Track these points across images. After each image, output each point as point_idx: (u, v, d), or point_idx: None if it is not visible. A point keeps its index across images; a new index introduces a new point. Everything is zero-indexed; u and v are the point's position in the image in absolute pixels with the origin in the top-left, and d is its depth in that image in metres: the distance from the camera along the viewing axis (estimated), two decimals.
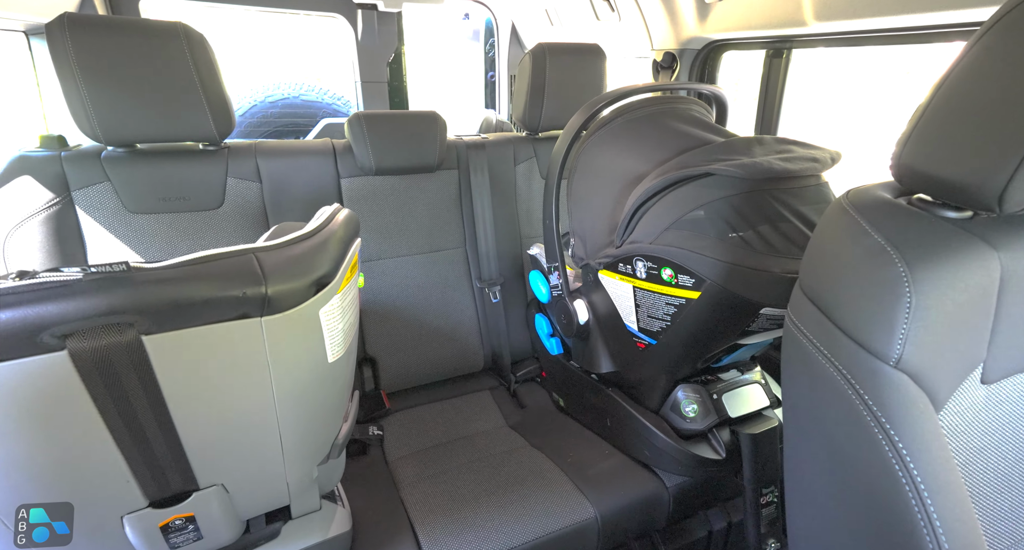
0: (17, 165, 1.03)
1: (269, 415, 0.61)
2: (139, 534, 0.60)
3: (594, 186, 1.09)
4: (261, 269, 0.51)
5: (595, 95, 1.53)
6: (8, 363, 0.42)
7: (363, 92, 2.41)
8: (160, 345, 0.48)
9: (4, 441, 0.45)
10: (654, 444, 1.01)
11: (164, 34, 1.02)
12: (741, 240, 0.78)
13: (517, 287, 1.53)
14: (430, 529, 0.91)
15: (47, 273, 0.43)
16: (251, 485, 0.67)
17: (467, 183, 1.46)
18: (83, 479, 0.52)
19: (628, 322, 1.00)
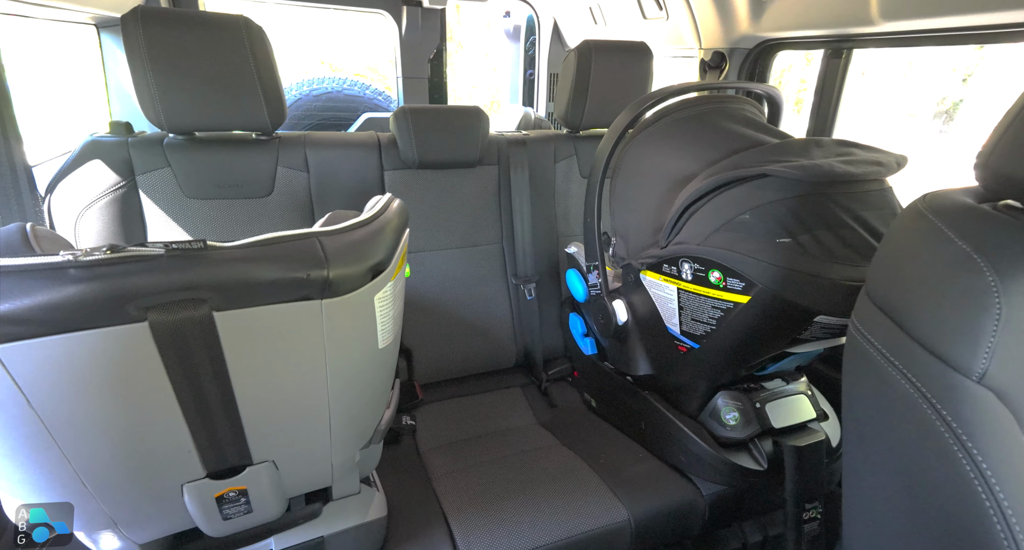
0: (89, 149, 1.09)
1: (321, 396, 0.63)
2: (196, 502, 0.63)
3: (639, 185, 1.07)
4: (324, 252, 0.53)
5: (640, 94, 1.50)
6: (96, 331, 0.45)
7: (404, 87, 2.45)
8: (228, 322, 0.50)
9: (87, 404, 0.48)
10: (691, 450, 0.99)
11: (227, 27, 1.06)
12: (797, 244, 0.76)
13: (552, 285, 1.52)
14: (463, 520, 0.92)
15: (135, 247, 0.46)
16: (299, 464, 0.69)
17: (506, 179, 1.47)
18: (151, 446, 0.55)
19: (670, 324, 0.98)
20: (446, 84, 2.54)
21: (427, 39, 2.38)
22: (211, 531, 0.69)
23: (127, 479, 0.57)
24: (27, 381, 0.44)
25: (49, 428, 0.47)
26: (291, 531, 0.76)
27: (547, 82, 2.63)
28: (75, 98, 2.18)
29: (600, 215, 1.14)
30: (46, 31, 1.78)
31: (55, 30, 1.82)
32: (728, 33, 1.50)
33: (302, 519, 0.78)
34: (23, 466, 0.51)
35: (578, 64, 1.40)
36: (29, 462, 0.50)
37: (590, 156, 1.53)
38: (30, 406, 0.46)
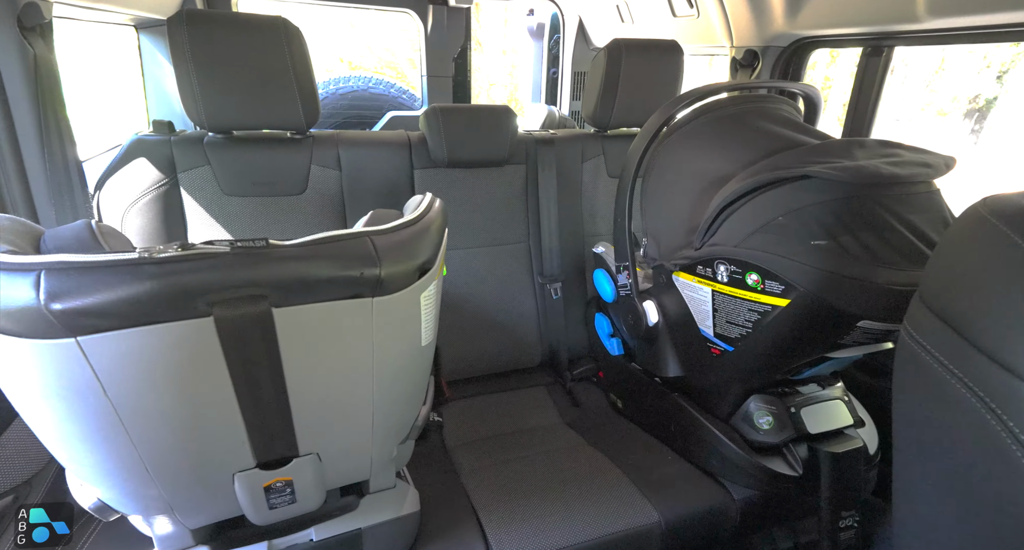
0: (135, 147, 1.12)
1: (366, 392, 0.64)
2: (246, 491, 0.65)
3: (672, 186, 1.06)
4: (376, 251, 0.54)
5: (670, 93, 1.49)
6: (166, 325, 0.47)
7: (428, 86, 2.47)
8: (285, 318, 0.52)
9: (155, 394, 0.50)
10: (722, 454, 0.99)
11: (267, 28, 1.08)
12: (840, 247, 0.74)
13: (577, 285, 1.52)
14: (493, 517, 0.93)
15: (203, 245, 0.47)
16: (341, 457, 0.71)
17: (534, 178, 1.47)
18: (209, 435, 0.57)
19: (703, 326, 0.97)
20: (470, 83, 2.55)
21: (452, 38, 2.39)
22: (257, 519, 0.71)
23: (185, 467, 0.59)
24: (104, 371, 0.46)
25: (121, 416, 0.50)
26: (330, 522, 0.78)
27: (571, 81, 2.62)
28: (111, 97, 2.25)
29: (631, 215, 1.14)
30: (84, 33, 1.85)
31: (92, 32, 1.88)
32: (762, 31, 1.47)
33: (339, 511, 0.80)
34: (95, 451, 0.53)
35: (608, 63, 1.40)
36: (100, 448, 0.53)
37: (618, 156, 1.53)
38: (105, 395, 0.48)
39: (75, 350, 0.44)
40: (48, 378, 0.46)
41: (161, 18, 1.83)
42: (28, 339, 0.43)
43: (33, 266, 0.42)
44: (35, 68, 0.91)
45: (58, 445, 0.54)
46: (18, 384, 0.47)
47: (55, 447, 0.55)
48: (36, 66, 0.91)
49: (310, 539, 0.76)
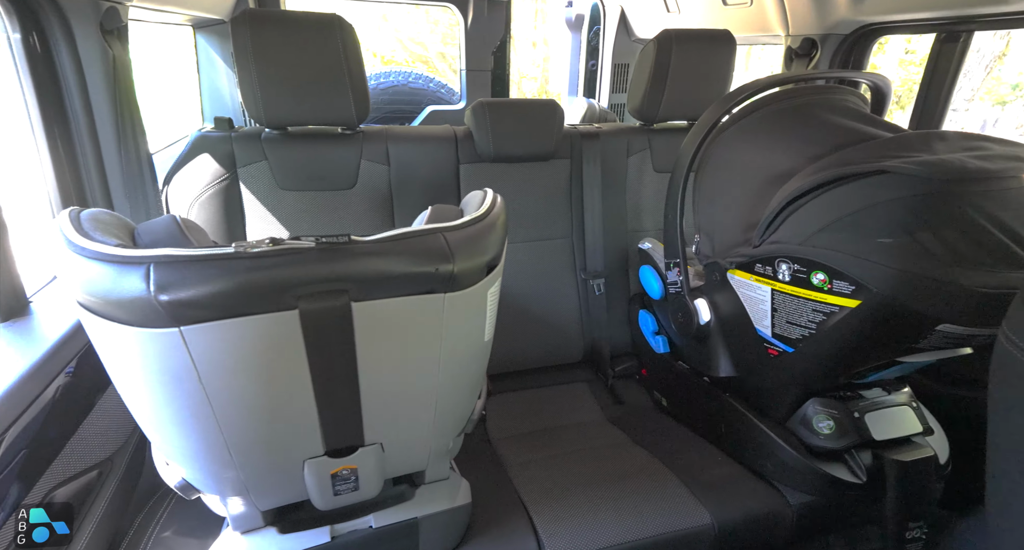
0: (199, 144, 1.17)
1: (431, 385, 0.65)
2: (315, 477, 0.68)
3: (728, 181, 1.03)
4: (449, 247, 0.55)
5: (721, 86, 1.45)
6: (256, 317, 0.49)
7: (467, 80, 2.47)
8: (362, 312, 0.53)
9: (242, 382, 0.53)
10: (778, 457, 0.96)
11: (323, 25, 1.10)
12: (920, 247, 0.70)
13: (620, 281, 1.50)
14: (543, 511, 0.94)
15: (290, 240, 0.49)
16: (402, 447, 0.72)
17: (578, 173, 1.46)
18: (286, 423, 0.60)
19: (760, 326, 0.95)
20: (508, 76, 2.54)
21: (492, 31, 2.39)
22: (321, 504, 0.74)
23: (263, 451, 0.62)
24: (201, 359, 0.49)
25: (211, 402, 0.52)
26: (387, 510, 0.80)
27: (611, 73, 2.57)
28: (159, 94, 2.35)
29: (683, 212, 1.11)
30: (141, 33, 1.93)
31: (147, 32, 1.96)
32: (822, 18, 1.40)
33: (395, 500, 0.82)
34: (185, 434, 0.57)
35: (657, 54, 1.36)
36: (191, 431, 0.56)
37: (664, 150, 1.49)
38: (200, 382, 0.50)
39: (178, 339, 0.47)
40: (152, 364, 0.49)
41: (216, 17, 1.90)
42: (137, 327, 0.46)
43: (143, 259, 0.45)
44: (113, 69, 0.96)
45: (153, 427, 0.58)
46: (124, 369, 0.50)
47: (150, 428, 0.58)
48: (114, 67, 0.96)
49: (369, 526, 0.78)
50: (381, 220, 1.31)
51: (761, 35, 1.62)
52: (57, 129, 0.95)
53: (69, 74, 0.92)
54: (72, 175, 0.99)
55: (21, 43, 0.85)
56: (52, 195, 0.97)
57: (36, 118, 0.91)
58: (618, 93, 2.66)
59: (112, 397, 0.92)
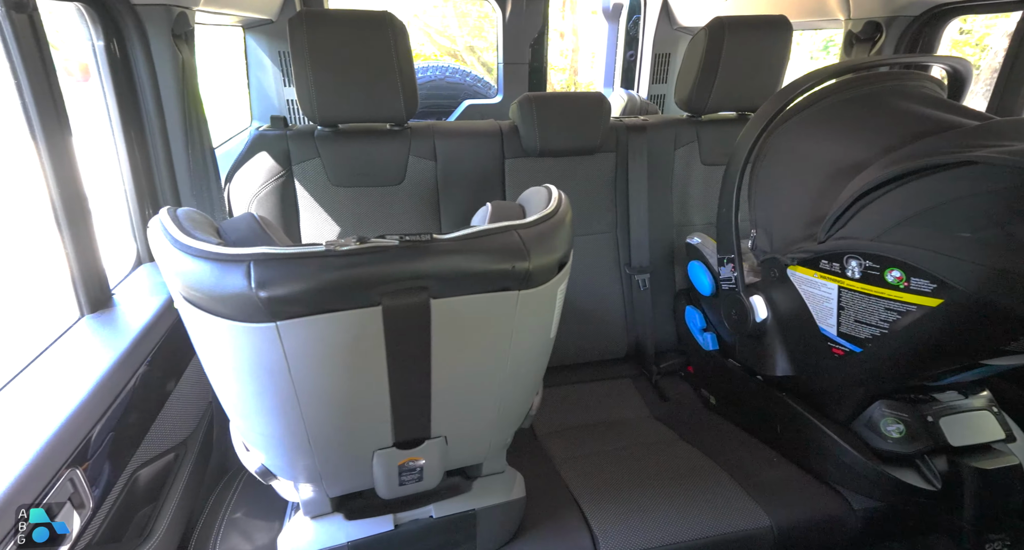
0: (257, 142, 1.21)
1: (497, 380, 0.66)
2: (383, 468, 0.70)
3: (790, 174, 1.00)
4: (524, 245, 0.55)
5: (776, 74, 1.39)
6: (344, 312, 0.50)
7: (504, 73, 2.46)
8: (439, 309, 0.54)
9: (326, 375, 0.55)
10: (841, 460, 0.93)
11: (375, 23, 1.12)
12: (1015, 242, 0.66)
13: (666, 276, 1.48)
14: (596, 507, 0.94)
15: (376, 239, 0.50)
16: (464, 441, 0.74)
17: (624, 166, 1.43)
18: (360, 414, 0.62)
19: (824, 325, 0.91)
20: (546, 69, 2.52)
21: (530, 24, 2.36)
22: (385, 493, 0.76)
23: (339, 441, 0.64)
24: (292, 353, 0.51)
25: (298, 394, 0.55)
26: (446, 501, 0.81)
27: (651, 63, 2.51)
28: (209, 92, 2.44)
29: (738, 206, 1.08)
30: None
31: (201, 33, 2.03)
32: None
33: (450, 491, 0.84)
34: (271, 422, 0.59)
35: (708, 43, 1.32)
36: (276, 420, 0.59)
37: (713, 142, 1.45)
38: (290, 375, 0.53)
39: (274, 333, 0.49)
40: (247, 357, 0.51)
41: (264, 17, 1.95)
42: (238, 322, 0.48)
43: (243, 257, 0.47)
44: (182, 72, 1.01)
45: (241, 415, 0.61)
46: (220, 360, 0.53)
47: (238, 417, 0.61)
48: (183, 70, 1.01)
49: (430, 516, 0.80)
50: (428, 215, 1.33)
51: (817, 20, 1.54)
52: (133, 129, 1.00)
53: (144, 77, 0.97)
54: (145, 173, 1.04)
55: (104, 50, 0.90)
56: (128, 192, 1.02)
57: (115, 119, 0.96)
58: (658, 84, 2.59)
59: (185, 384, 0.97)
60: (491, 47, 6.60)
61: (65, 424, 0.61)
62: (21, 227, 1.31)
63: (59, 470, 0.59)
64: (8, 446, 0.57)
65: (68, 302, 0.84)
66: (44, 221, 0.80)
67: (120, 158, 1.00)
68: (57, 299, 0.85)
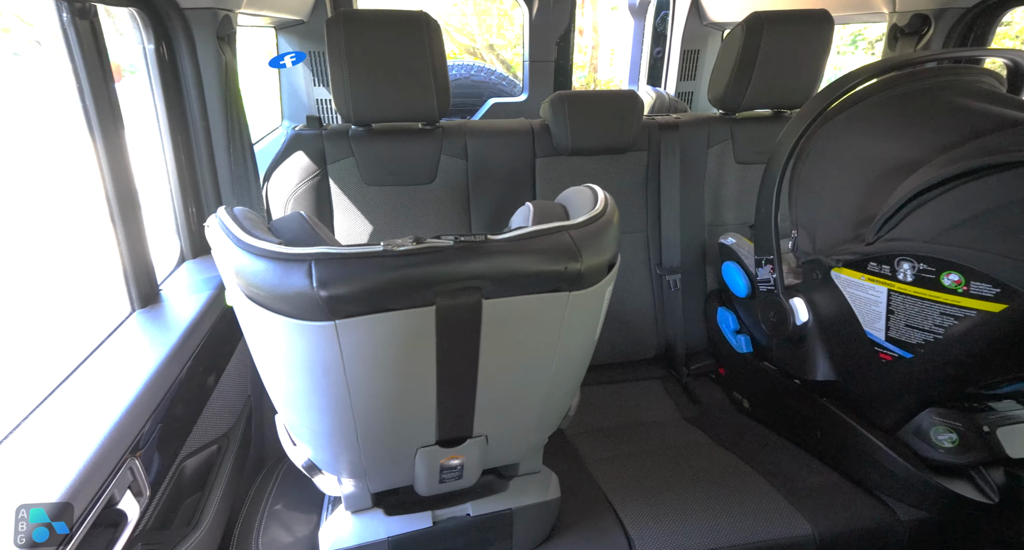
0: (294, 142, 1.23)
1: (541, 381, 0.66)
2: (425, 465, 0.70)
3: (836, 173, 0.97)
4: (576, 246, 0.54)
5: (815, 71, 1.35)
6: (398, 312, 0.51)
7: (529, 71, 2.45)
8: (491, 309, 0.54)
9: (378, 374, 0.55)
10: (887, 469, 0.90)
11: (411, 23, 1.12)
12: None
13: (697, 276, 1.45)
14: (630, 509, 0.93)
15: (432, 239, 0.51)
16: (504, 441, 0.74)
17: (655, 165, 1.41)
18: (407, 412, 0.62)
19: (871, 329, 0.89)
20: (571, 67, 2.50)
21: (557, 21, 2.35)
22: (424, 490, 0.77)
23: (385, 438, 0.65)
24: (347, 352, 0.52)
25: (350, 391, 0.55)
26: (483, 500, 0.82)
27: (679, 60, 2.47)
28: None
29: (778, 205, 1.05)
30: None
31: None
32: None
33: (484, 490, 0.84)
34: (321, 419, 0.60)
35: (745, 39, 1.29)
36: (327, 416, 0.59)
37: (748, 140, 1.42)
38: (344, 372, 0.53)
39: (332, 332, 0.49)
40: (305, 354, 0.52)
41: (296, 18, 1.98)
42: (298, 320, 0.49)
43: (305, 256, 0.48)
44: (225, 73, 1.03)
45: (292, 410, 0.62)
46: (277, 356, 0.54)
47: (289, 412, 0.62)
48: (226, 71, 1.03)
49: (467, 514, 0.81)
50: (458, 214, 1.33)
51: (859, 13, 1.49)
52: (178, 130, 1.02)
53: (190, 79, 0.99)
54: (189, 172, 1.07)
55: (154, 53, 0.93)
56: (173, 190, 1.05)
57: (163, 120, 0.99)
58: (686, 81, 2.55)
59: (226, 379, 1.00)
60: (510, 45, 6.59)
61: (124, 415, 0.63)
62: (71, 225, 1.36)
63: (121, 459, 0.61)
64: (75, 435, 0.59)
65: (114, 297, 0.87)
66: (91, 220, 0.82)
67: (166, 158, 1.02)
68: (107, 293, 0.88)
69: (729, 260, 1.26)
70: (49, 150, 1.47)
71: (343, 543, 0.75)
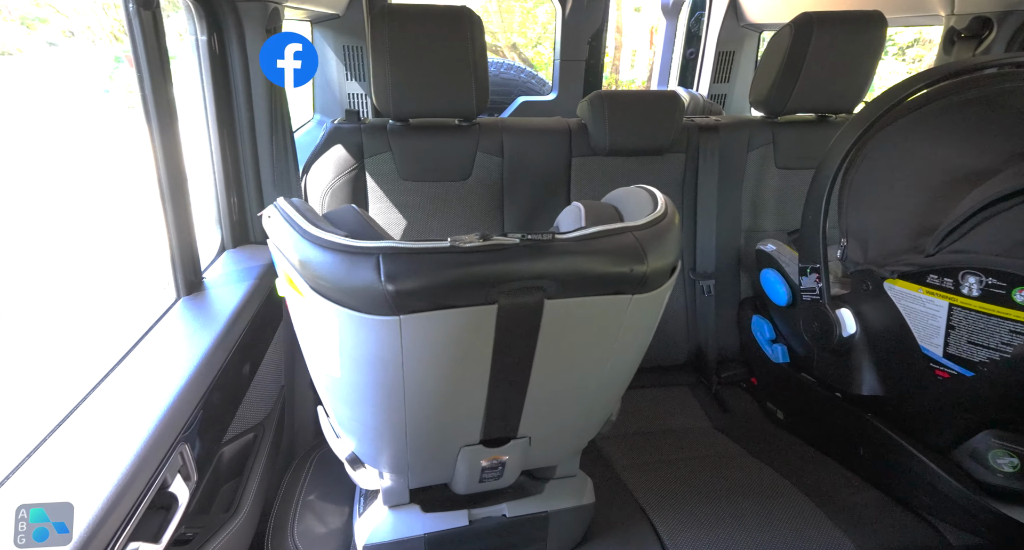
0: (333, 135, 1.24)
1: (590, 385, 0.65)
2: (467, 464, 0.70)
3: (893, 180, 0.93)
4: (642, 247, 0.53)
5: (865, 74, 1.31)
6: (460, 309, 0.50)
7: (560, 70, 2.43)
8: (552, 310, 0.53)
9: (433, 370, 0.55)
10: (938, 490, 0.86)
11: (455, 18, 1.12)
12: None
13: (731, 283, 1.42)
14: (665, 518, 0.91)
15: (498, 237, 0.50)
16: (547, 443, 0.73)
17: (693, 168, 1.39)
18: (456, 410, 0.61)
19: (927, 345, 0.85)
20: (602, 66, 2.47)
21: (590, 20, 2.32)
22: (461, 489, 0.76)
23: (432, 435, 0.64)
24: (407, 347, 0.51)
25: (405, 386, 0.55)
26: (520, 502, 0.81)
27: (714, 61, 2.42)
28: None
29: (827, 212, 1.02)
30: None
31: None
32: None
33: (520, 492, 0.83)
34: (373, 412, 0.60)
35: (793, 40, 1.25)
36: (379, 410, 0.59)
37: (790, 145, 1.38)
38: (402, 368, 0.53)
39: (395, 327, 0.49)
40: (366, 348, 0.52)
41: (331, 12, 1.99)
42: (364, 314, 0.48)
43: (373, 250, 0.47)
44: None
45: (343, 403, 0.61)
46: (333, 349, 0.53)
47: (339, 404, 0.62)
48: None
49: (503, 515, 0.80)
50: (492, 212, 1.32)
51: (913, 15, 1.44)
52: (224, 122, 1.03)
53: (237, 71, 1.00)
54: (232, 163, 1.08)
55: (206, 44, 0.93)
56: (217, 181, 1.06)
57: (211, 112, 1.00)
58: (719, 83, 2.50)
59: (264, 369, 1.00)
60: (531, 43, 6.55)
61: (175, 400, 0.64)
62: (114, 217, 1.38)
63: (172, 443, 0.61)
64: (130, 419, 0.60)
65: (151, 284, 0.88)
66: (133, 211, 0.83)
67: (212, 148, 1.03)
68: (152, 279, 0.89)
69: (768, 267, 1.23)
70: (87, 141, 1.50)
71: (380, 537, 0.75)
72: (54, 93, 1.54)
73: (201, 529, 0.74)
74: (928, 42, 4.39)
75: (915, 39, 4.62)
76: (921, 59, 4.70)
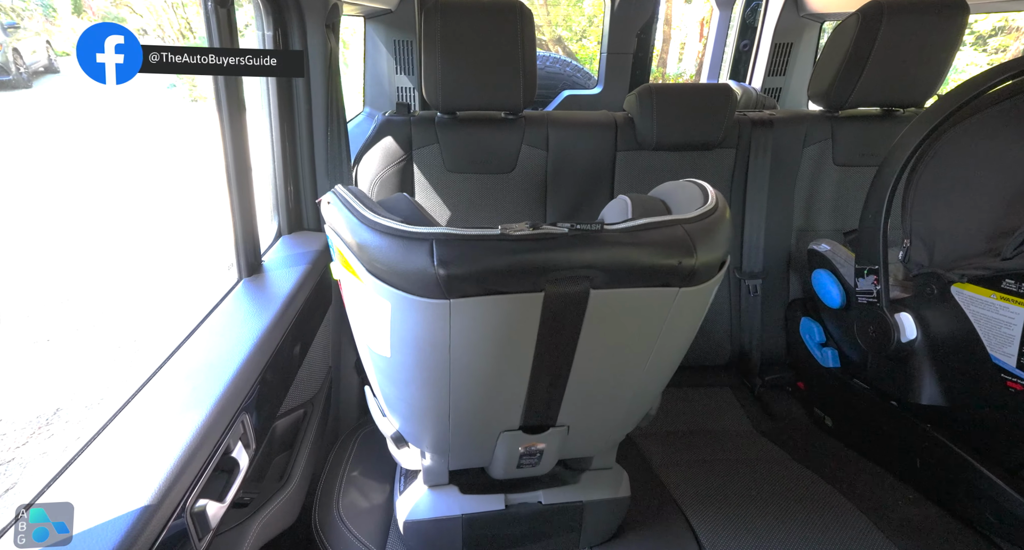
0: (384, 127, 1.28)
1: (632, 376, 0.65)
2: (505, 450, 0.71)
3: (966, 180, 0.87)
4: (691, 240, 0.52)
5: (940, 66, 1.22)
6: (508, 296, 0.51)
7: (607, 63, 2.39)
8: (597, 300, 0.54)
9: (479, 355, 0.57)
10: (1007, 510, 0.81)
11: (505, 11, 1.13)
12: None
13: (780, 283, 1.37)
14: (703, 518, 0.90)
15: (547, 226, 0.51)
16: (585, 433, 0.73)
17: (744, 164, 1.34)
18: (498, 395, 0.63)
19: (998, 354, 0.80)
20: (651, 60, 2.42)
21: (640, 12, 2.28)
22: (499, 474, 0.78)
23: (474, 418, 0.66)
24: (456, 331, 0.53)
25: (451, 369, 0.57)
26: (556, 490, 0.82)
27: (769, 53, 2.32)
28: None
29: (889, 212, 0.97)
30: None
31: None
32: None
33: (555, 481, 0.84)
34: (420, 393, 0.63)
35: (860, 30, 1.19)
36: (425, 392, 0.62)
37: (850, 141, 1.32)
38: (449, 351, 0.55)
39: (446, 310, 0.51)
40: (417, 330, 0.54)
41: (384, 7, 2.05)
42: (416, 297, 0.51)
43: (427, 236, 0.49)
44: (329, 59, 1.08)
45: (392, 383, 0.64)
46: (384, 330, 0.56)
47: (388, 384, 0.65)
48: (330, 57, 1.08)
49: (539, 501, 0.81)
50: (535, 205, 1.33)
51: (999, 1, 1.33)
52: (284, 114, 1.09)
53: None
54: (291, 154, 1.14)
55: (271, 39, 0.99)
56: (276, 169, 1.12)
57: (273, 104, 1.05)
58: (774, 76, 2.39)
59: (314, 349, 1.06)
60: (575, 36, 6.45)
61: (237, 373, 0.69)
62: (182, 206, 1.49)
63: (235, 413, 0.66)
64: (199, 388, 0.65)
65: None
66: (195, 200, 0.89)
67: (272, 139, 1.09)
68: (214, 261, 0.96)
69: (821, 268, 1.18)
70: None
71: (420, 515, 0.78)
72: (127, 87, 1.66)
73: (257, 495, 0.79)
74: (1016, 30, 4.03)
75: (999, 26, 4.25)
76: (1006, 49, 4.32)
